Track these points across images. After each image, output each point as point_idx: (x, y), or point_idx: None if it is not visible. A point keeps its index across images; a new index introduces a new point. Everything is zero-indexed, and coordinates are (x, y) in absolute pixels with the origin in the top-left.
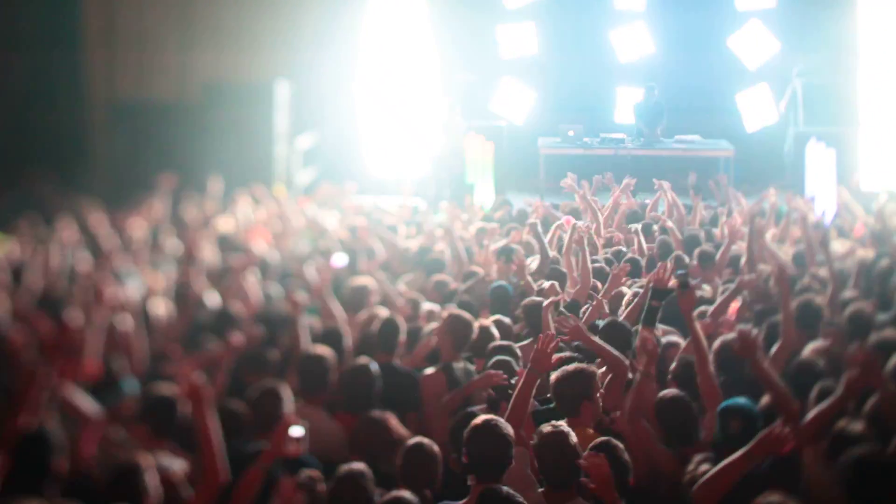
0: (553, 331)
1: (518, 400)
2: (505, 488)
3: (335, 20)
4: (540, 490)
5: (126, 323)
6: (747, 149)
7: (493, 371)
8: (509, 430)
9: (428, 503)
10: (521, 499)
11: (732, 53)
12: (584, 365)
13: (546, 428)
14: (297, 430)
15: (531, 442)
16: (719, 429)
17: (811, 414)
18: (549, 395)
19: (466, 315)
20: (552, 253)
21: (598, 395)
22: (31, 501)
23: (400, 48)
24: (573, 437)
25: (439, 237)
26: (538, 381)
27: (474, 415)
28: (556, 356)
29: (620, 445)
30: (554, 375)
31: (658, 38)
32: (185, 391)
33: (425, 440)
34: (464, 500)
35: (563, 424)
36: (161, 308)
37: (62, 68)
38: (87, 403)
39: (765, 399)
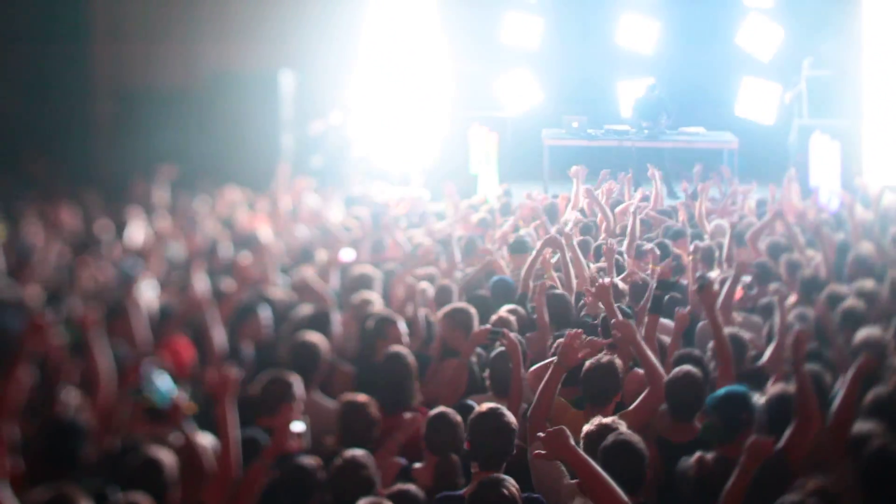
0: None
1: (544, 392)
2: (503, 476)
3: (339, 10)
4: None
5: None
6: (752, 141)
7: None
8: (512, 419)
9: (455, 468)
10: (514, 486)
11: (738, 47)
12: (614, 358)
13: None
14: (298, 426)
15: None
16: (703, 424)
17: (838, 399)
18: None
19: (469, 307)
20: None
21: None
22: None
23: (404, 38)
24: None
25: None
26: (564, 374)
27: (472, 406)
28: (581, 353)
29: (636, 437)
30: (588, 363)
31: (664, 31)
32: (213, 383)
33: (448, 410)
34: (465, 489)
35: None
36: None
37: (69, 58)
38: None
39: (773, 389)
